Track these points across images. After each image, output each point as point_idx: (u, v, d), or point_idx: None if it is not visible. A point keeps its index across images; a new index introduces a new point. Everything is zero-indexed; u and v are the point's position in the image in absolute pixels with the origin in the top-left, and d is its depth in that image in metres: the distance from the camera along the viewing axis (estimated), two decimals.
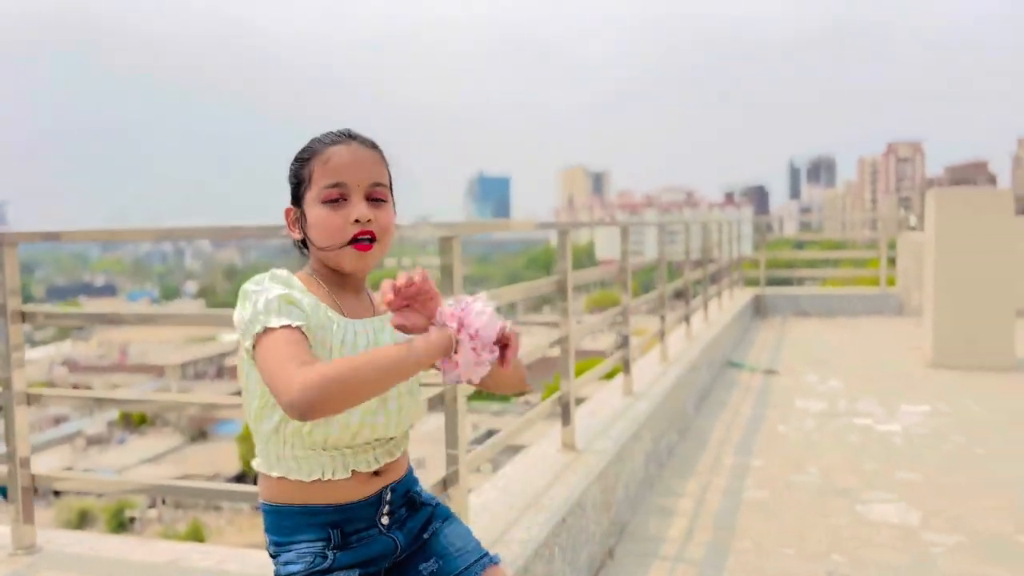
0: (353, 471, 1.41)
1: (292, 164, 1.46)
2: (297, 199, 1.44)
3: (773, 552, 3.43)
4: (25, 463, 2.49)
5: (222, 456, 43.85)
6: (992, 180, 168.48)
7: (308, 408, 1.18)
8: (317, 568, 1.40)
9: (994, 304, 7.39)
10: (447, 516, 1.59)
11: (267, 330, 1.28)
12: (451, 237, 2.38)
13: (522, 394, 1.61)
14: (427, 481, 2.10)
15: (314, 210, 1.40)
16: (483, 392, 1.61)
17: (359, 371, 1.22)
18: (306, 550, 1.40)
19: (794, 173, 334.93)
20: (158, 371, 60.08)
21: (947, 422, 5.54)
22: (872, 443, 5.07)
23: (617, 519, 3.55)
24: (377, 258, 1.45)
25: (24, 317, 2.45)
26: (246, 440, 42.68)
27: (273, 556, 1.44)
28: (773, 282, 12.20)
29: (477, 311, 1.30)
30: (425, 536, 1.54)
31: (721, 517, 3.85)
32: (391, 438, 1.47)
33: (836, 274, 14.44)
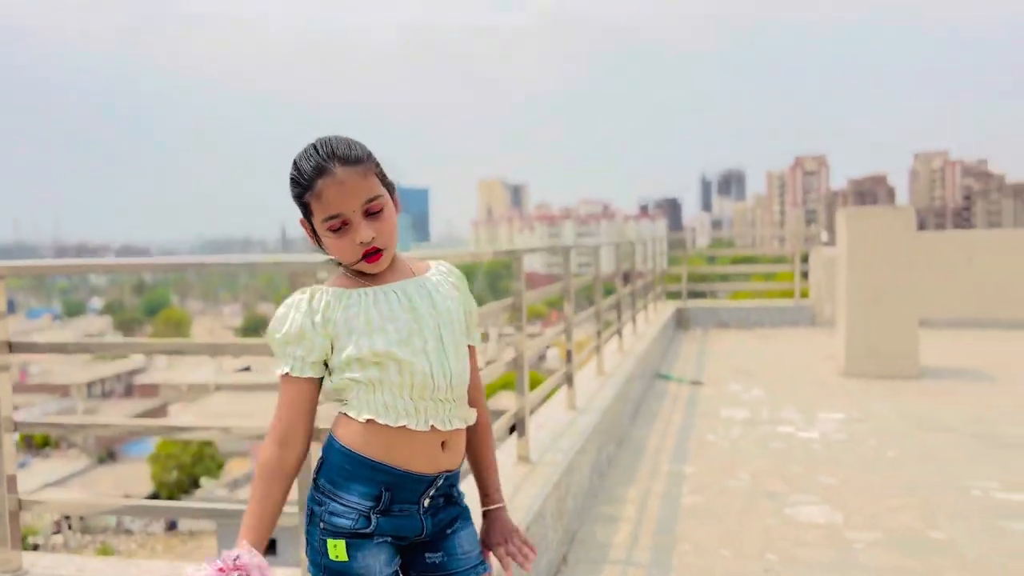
0: (432, 426, 1.56)
1: (291, 188, 1.58)
2: (307, 216, 1.58)
3: (713, 554, 3.69)
4: (12, 487, 2.54)
5: (132, 477, 42.40)
6: (891, 193, 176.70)
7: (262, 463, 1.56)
8: (360, 530, 1.54)
9: (900, 315, 7.91)
10: (468, 519, 1.71)
11: (282, 376, 1.58)
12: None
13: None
14: None
15: (325, 238, 1.57)
16: None
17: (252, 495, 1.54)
18: (355, 505, 1.54)
19: (706, 186, 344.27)
20: (62, 391, 57.69)
21: (861, 428, 5.95)
22: (795, 449, 5.42)
23: (569, 527, 3.76)
24: (389, 258, 1.60)
25: (11, 347, 2.50)
26: (158, 460, 41.40)
27: (315, 504, 1.57)
28: (690, 294, 12.67)
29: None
30: (448, 532, 1.65)
31: (662, 522, 4.10)
32: (458, 404, 1.62)
33: (747, 286, 15.04)
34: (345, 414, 1.58)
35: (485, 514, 1.76)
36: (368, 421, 1.54)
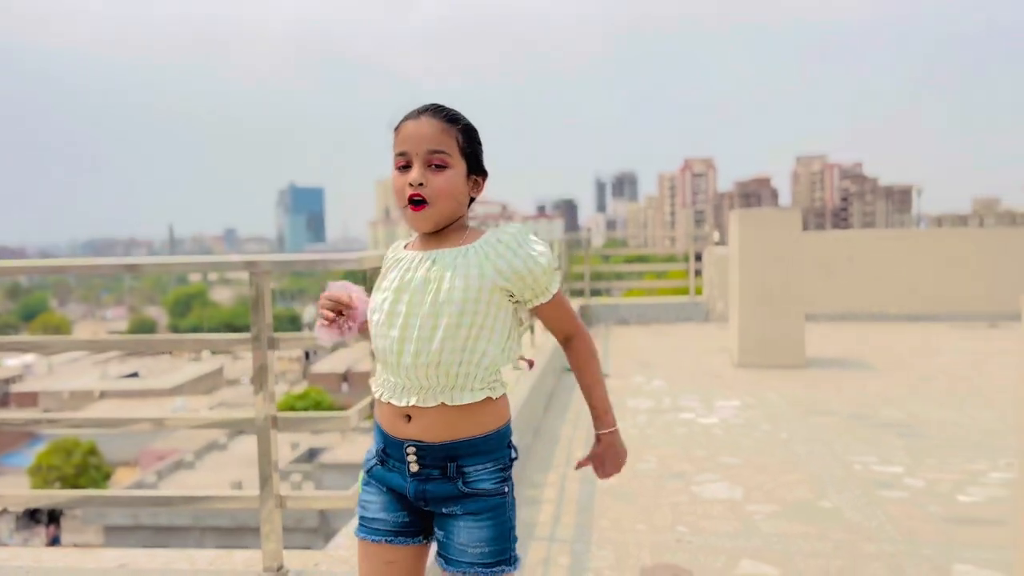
0: (390, 402, 1.69)
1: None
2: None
3: (629, 528, 4.02)
4: None
5: (6, 489, 40.20)
6: (775, 194, 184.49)
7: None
8: (367, 468, 1.80)
9: (787, 310, 8.50)
10: (476, 512, 1.66)
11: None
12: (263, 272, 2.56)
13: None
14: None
15: (393, 175, 1.68)
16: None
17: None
18: (372, 449, 1.81)
19: (600, 187, 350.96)
20: None
21: (755, 413, 6.43)
22: (697, 434, 5.83)
23: None
24: (435, 219, 1.66)
25: None
26: (39, 472, 39.33)
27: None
28: (591, 292, 13.13)
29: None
30: (444, 511, 1.68)
31: (582, 503, 4.40)
32: (427, 388, 1.64)
33: (642, 284, 15.63)
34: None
35: (598, 439, 1.94)
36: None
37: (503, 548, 1.68)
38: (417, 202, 1.63)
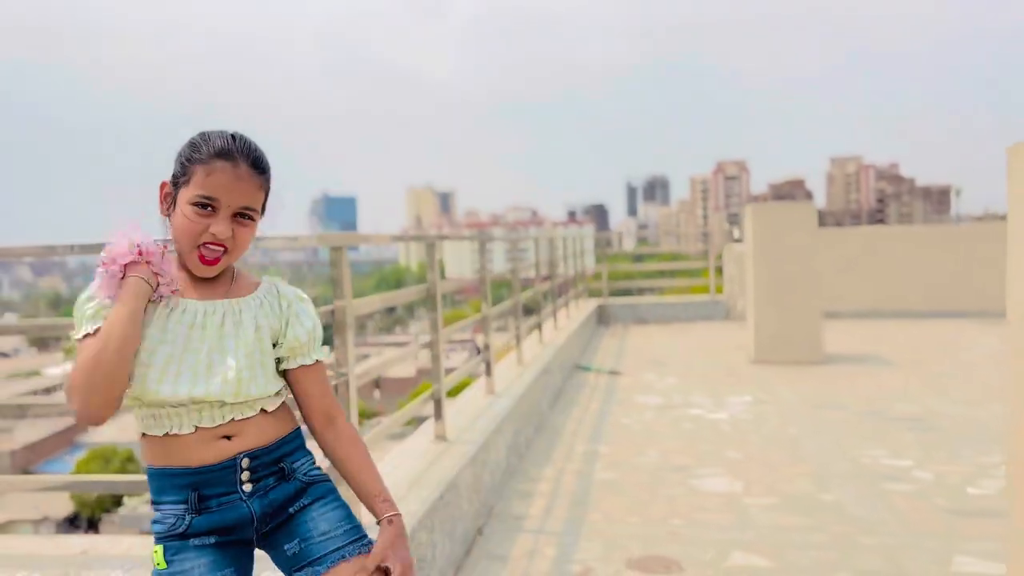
0: (197, 427, 1.50)
1: (183, 149, 1.53)
2: (175, 182, 1.53)
3: (622, 521, 3.92)
4: None
5: (50, 497, 40.97)
6: (809, 196, 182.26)
7: (88, 416, 1.41)
8: (175, 531, 1.50)
9: (804, 306, 8.34)
10: (323, 496, 1.60)
11: (81, 339, 1.46)
12: (340, 247, 2.70)
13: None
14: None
15: (184, 207, 1.49)
16: None
17: (85, 363, 1.40)
18: (169, 511, 1.51)
19: (631, 192, 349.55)
20: None
21: (766, 409, 6.29)
22: (703, 429, 5.72)
23: (485, 502, 3.94)
24: (221, 269, 1.54)
25: None
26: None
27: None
28: (615, 293, 13.03)
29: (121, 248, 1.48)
30: (291, 511, 1.57)
31: (576, 496, 4.32)
32: (234, 405, 1.53)
33: (672, 284, 15.50)
34: (143, 434, 1.55)
35: (389, 521, 1.56)
36: (143, 435, 1.54)
37: (359, 525, 1.60)
38: (213, 252, 1.50)
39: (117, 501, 39.93)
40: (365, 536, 1.58)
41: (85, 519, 38.15)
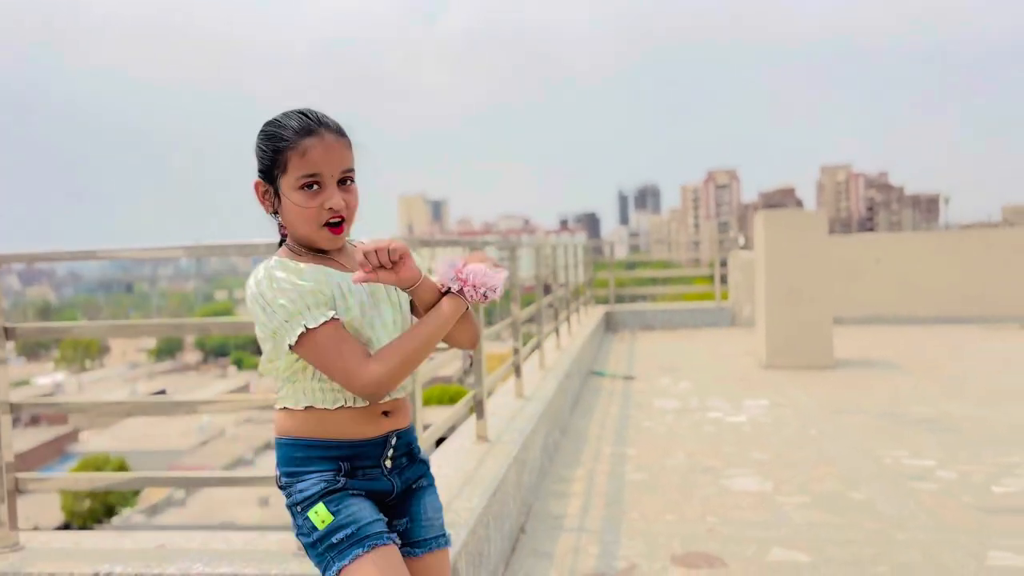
0: (365, 405, 1.59)
1: (264, 143, 1.57)
2: (269, 176, 1.58)
3: (659, 519, 4.01)
4: (10, 468, 2.66)
5: (41, 507, 40.66)
6: (800, 204, 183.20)
7: (380, 394, 1.54)
8: (332, 487, 1.56)
9: (815, 312, 8.45)
10: (432, 482, 1.73)
11: (309, 330, 1.49)
12: None
13: (473, 347, 1.79)
14: None
15: (292, 195, 1.55)
16: None
17: (409, 355, 1.54)
18: (320, 477, 1.57)
19: (623, 201, 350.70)
20: None
21: (784, 412, 6.39)
22: (725, 432, 5.81)
23: (525, 501, 4.03)
24: (348, 234, 1.63)
25: (7, 333, 2.64)
26: (69, 490, 39.70)
27: (284, 487, 1.60)
28: (616, 300, 13.13)
29: (476, 271, 1.59)
30: (413, 488, 1.69)
31: (610, 496, 4.40)
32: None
33: (667, 291, 15.57)
34: (285, 409, 1.61)
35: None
36: (307, 408, 1.58)
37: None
38: (337, 224, 1.57)
39: (109, 511, 39.73)
40: (445, 531, 1.73)
41: (77, 528, 37.86)
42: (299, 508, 1.57)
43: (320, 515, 1.54)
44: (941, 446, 5.19)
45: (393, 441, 1.64)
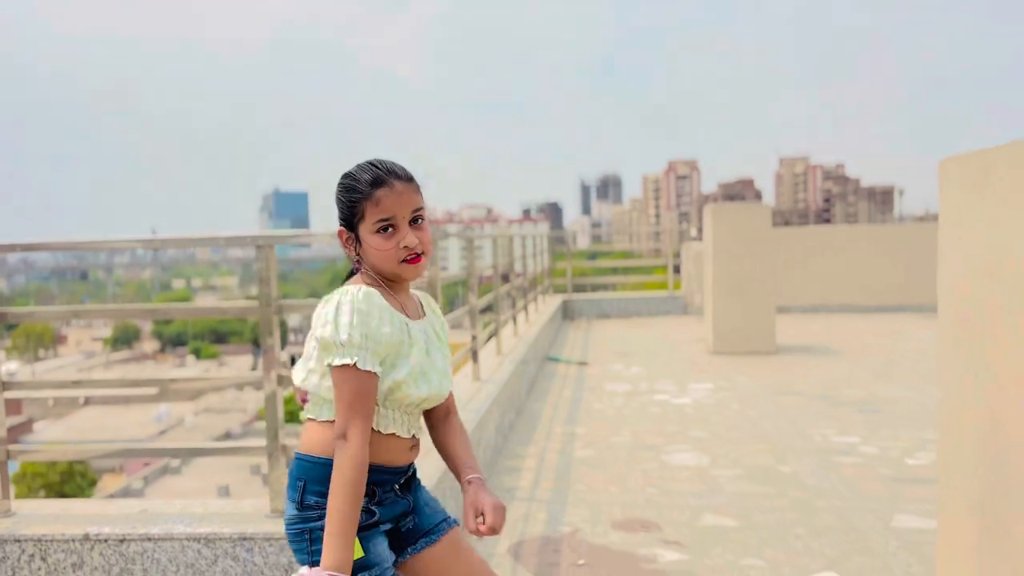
0: (413, 434, 1.77)
1: (342, 195, 1.74)
2: (349, 225, 1.74)
3: (603, 491, 4.35)
4: (2, 441, 2.91)
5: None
6: (758, 195, 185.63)
7: (347, 455, 1.57)
8: (367, 522, 1.68)
9: (759, 301, 8.88)
10: (418, 480, 1.90)
11: (353, 365, 1.60)
12: (268, 246, 2.88)
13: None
14: None
15: (370, 239, 1.71)
16: None
17: (345, 493, 1.56)
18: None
19: (585, 190, 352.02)
20: None
21: (726, 395, 6.79)
22: (670, 412, 6.18)
23: None
24: (426, 266, 1.79)
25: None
26: (23, 480, 39.15)
27: (307, 523, 1.64)
28: (574, 289, 13.51)
29: None
30: (410, 499, 1.83)
31: (559, 471, 4.74)
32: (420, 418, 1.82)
33: (626, 280, 15.97)
34: (320, 424, 1.69)
35: (469, 482, 1.77)
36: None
37: None
38: (414, 258, 1.72)
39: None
40: (448, 513, 1.89)
41: None
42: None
43: (357, 548, 1.62)
44: (866, 424, 5.62)
45: (409, 471, 1.81)
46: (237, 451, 3.04)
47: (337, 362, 1.59)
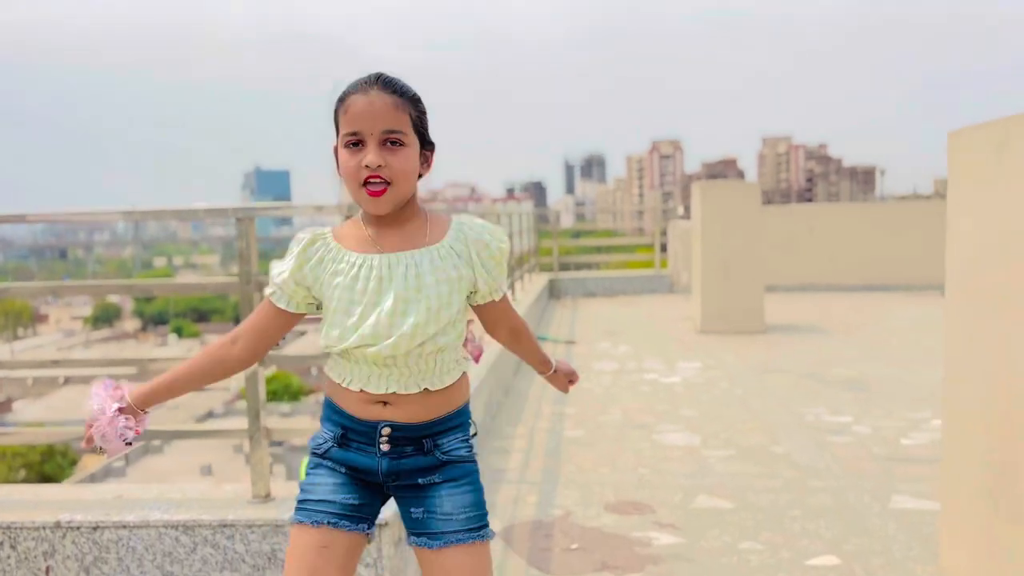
0: (362, 389, 1.63)
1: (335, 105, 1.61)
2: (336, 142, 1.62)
3: (593, 471, 4.26)
4: None
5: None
6: (741, 175, 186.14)
7: (219, 346, 1.70)
8: (319, 451, 1.69)
9: (748, 280, 8.79)
10: (457, 478, 1.67)
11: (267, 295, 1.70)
12: (248, 219, 2.76)
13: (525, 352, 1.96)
14: None
15: (340, 154, 1.58)
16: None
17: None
18: (323, 434, 1.70)
19: (569, 170, 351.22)
20: None
21: (715, 374, 6.71)
22: (659, 391, 6.10)
23: None
24: (394, 201, 1.57)
25: None
26: (2, 460, 38.77)
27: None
28: (560, 268, 13.40)
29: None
30: (420, 481, 1.66)
31: (549, 451, 4.64)
32: (408, 375, 1.61)
33: (611, 259, 15.87)
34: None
35: (555, 371, 2.03)
36: (330, 374, 1.71)
37: (485, 513, 1.68)
38: (376, 185, 1.55)
39: (46, 480, 38.95)
40: (485, 527, 1.67)
41: None
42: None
43: (303, 467, 1.72)
44: (858, 403, 5.55)
45: (384, 432, 1.64)
46: (218, 434, 2.92)
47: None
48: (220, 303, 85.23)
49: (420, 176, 1.64)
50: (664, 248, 13.51)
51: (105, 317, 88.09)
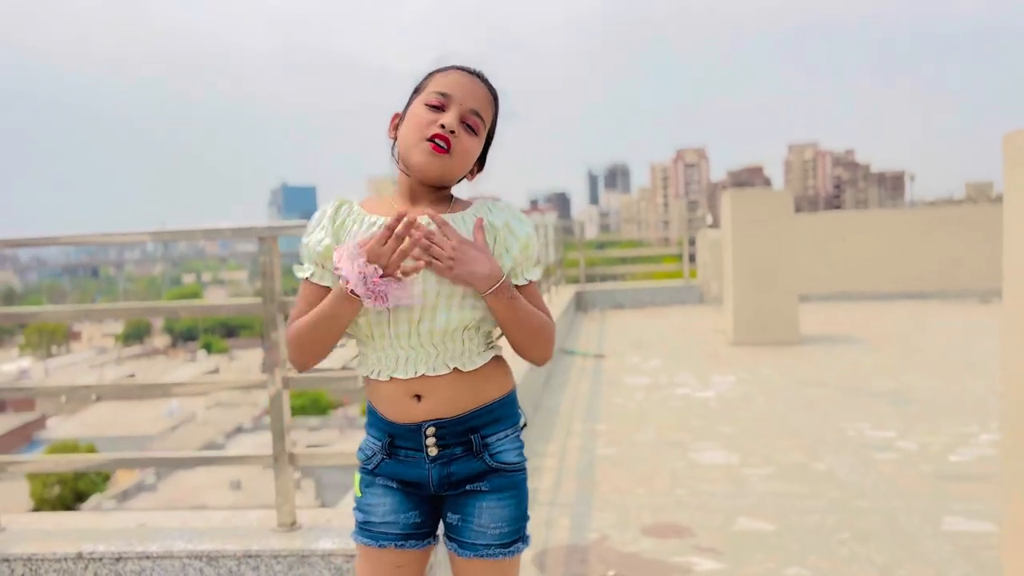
0: (391, 377, 1.52)
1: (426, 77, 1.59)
2: (409, 102, 1.58)
3: (629, 492, 4.12)
4: None
5: (7, 495, 40.18)
6: (768, 182, 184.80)
7: (290, 362, 1.60)
8: (366, 466, 1.62)
9: (781, 290, 8.61)
10: (502, 489, 1.59)
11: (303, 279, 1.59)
12: (272, 237, 2.65)
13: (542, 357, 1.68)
14: None
15: (415, 109, 1.55)
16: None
17: (301, 327, 1.53)
18: (370, 443, 1.62)
19: (592, 180, 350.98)
20: None
21: (751, 388, 6.54)
22: (693, 407, 5.94)
23: None
24: (446, 171, 1.53)
25: None
26: (38, 476, 39.19)
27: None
28: (586, 280, 13.25)
29: (346, 248, 1.46)
30: (467, 488, 1.58)
31: (581, 470, 4.51)
32: (435, 354, 1.51)
33: (637, 270, 15.68)
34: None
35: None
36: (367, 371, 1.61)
37: (520, 527, 1.61)
38: (442, 145, 1.51)
39: (79, 497, 39.38)
40: (517, 541, 1.60)
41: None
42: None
43: (356, 484, 1.66)
44: (901, 417, 5.36)
45: (429, 431, 1.54)
46: (240, 460, 2.82)
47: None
48: (249, 318, 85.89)
49: (468, 176, 1.64)
50: (692, 258, 13.33)
51: (136, 334, 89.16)
